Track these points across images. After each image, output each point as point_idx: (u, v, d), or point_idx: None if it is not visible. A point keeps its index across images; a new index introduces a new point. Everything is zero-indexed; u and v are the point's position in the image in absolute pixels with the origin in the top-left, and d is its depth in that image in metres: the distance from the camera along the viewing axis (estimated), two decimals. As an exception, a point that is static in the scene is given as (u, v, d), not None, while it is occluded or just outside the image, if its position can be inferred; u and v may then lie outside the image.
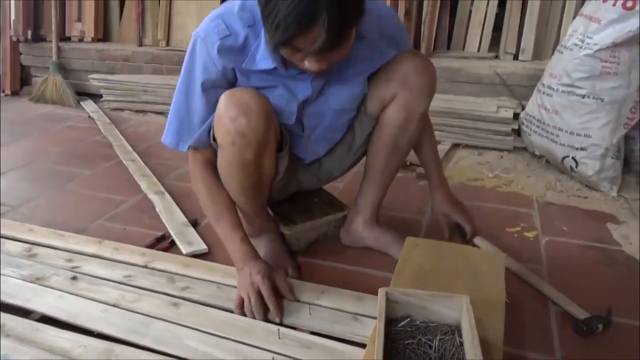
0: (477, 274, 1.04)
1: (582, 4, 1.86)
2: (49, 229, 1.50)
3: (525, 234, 1.54)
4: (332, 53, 0.94)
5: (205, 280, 1.25)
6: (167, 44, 3.12)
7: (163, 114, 2.76)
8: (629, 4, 1.65)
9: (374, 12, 1.11)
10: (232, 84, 1.14)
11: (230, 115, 1.04)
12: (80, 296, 1.17)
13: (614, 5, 1.68)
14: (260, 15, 0.91)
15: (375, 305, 0.87)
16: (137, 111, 2.88)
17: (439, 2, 2.59)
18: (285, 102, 1.14)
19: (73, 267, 1.30)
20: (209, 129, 1.14)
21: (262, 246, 1.35)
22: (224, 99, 1.05)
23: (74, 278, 1.25)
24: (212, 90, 1.12)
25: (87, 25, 3.26)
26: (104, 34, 3.33)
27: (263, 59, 1.07)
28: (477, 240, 1.43)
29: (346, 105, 1.22)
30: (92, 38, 3.25)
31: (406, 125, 1.25)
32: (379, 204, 1.40)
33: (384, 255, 1.39)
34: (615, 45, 1.68)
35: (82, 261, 1.33)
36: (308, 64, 0.97)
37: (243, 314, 1.11)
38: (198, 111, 1.14)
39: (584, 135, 1.77)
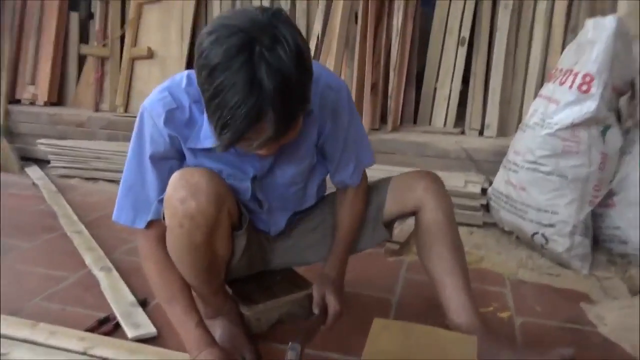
0: (448, 358, 0.96)
1: (542, 84, 1.93)
2: (-27, 311, 1.34)
3: (499, 314, 1.49)
4: (281, 139, 0.91)
5: (154, 370, 1.11)
6: (126, 110, 3.05)
7: (116, 182, 2.62)
8: (584, 87, 1.71)
9: (321, 81, 1.07)
10: (182, 154, 1.10)
11: (179, 197, 1.00)
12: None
13: (570, 88, 1.74)
14: (205, 110, 0.88)
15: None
16: (87, 179, 2.77)
17: (404, 77, 2.66)
18: (239, 180, 1.13)
19: (0, 355, 1.15)
20: None
21: (218, 329, 1.27)
22: (173, 180, 1.02)
23: (-3, 370, 1.08)
24: (162, 162, 1.09)
25: (40, 89, 3.17)
26: (58, 97, 3.25)
27: (207, 137, 1.03)
28: None
29: (295, 179, 1.21)
30: (45, 102, 3.14)
31: (448, 222, 1.25)
32: (474, 302, 1.24)
33: (352, 339, 1.30)
34: (574, 126, 1.72)
35: (11, 347, 1.20)
36: (259, 150, 0.94)
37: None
38: (152, 184, 1.10)
39: (552, 212, 1.77)
